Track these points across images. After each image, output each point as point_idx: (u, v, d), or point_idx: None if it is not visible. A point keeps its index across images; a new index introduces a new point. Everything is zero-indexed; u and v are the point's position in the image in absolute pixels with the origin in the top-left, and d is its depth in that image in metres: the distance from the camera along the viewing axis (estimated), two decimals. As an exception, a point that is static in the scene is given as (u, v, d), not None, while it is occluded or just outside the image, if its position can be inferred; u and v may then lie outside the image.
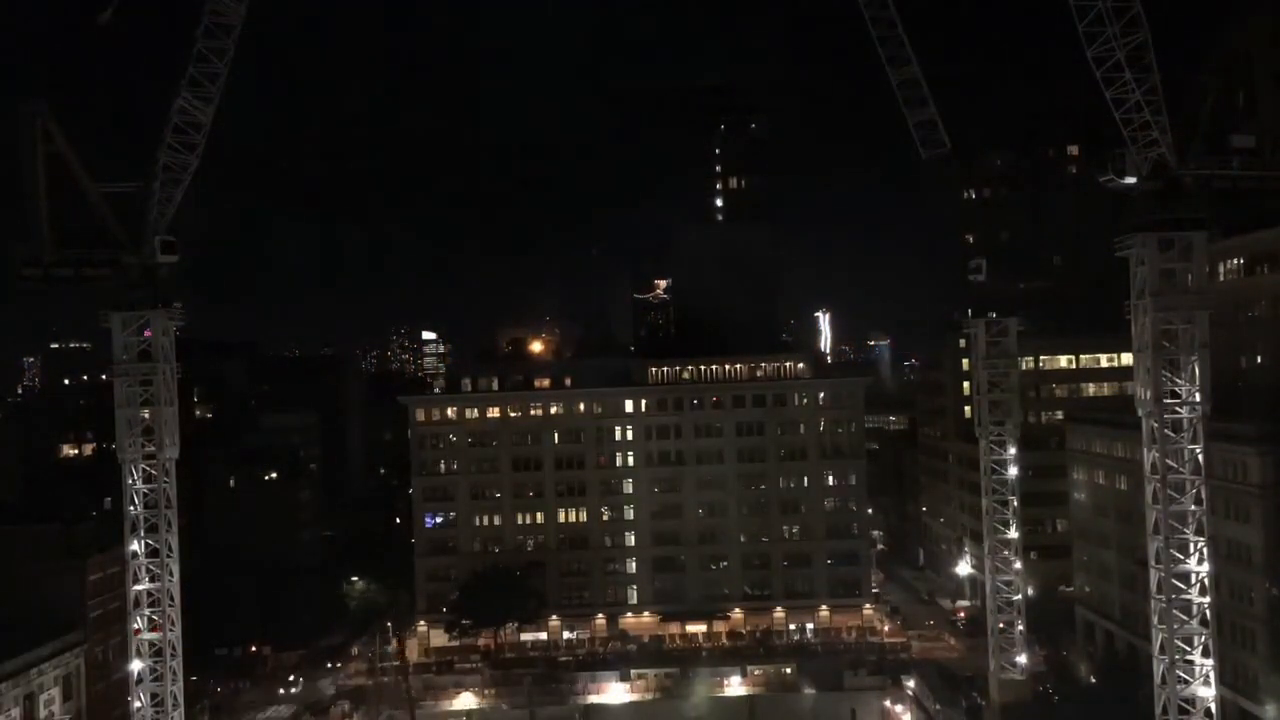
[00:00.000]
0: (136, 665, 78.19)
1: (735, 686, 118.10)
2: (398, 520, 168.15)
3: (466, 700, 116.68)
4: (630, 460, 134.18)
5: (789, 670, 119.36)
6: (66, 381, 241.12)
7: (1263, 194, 74.87)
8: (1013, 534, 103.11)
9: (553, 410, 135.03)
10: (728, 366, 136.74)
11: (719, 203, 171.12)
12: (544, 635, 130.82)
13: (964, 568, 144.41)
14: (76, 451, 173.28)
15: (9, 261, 75.03)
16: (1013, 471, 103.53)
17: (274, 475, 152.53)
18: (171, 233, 75.48)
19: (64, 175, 73.39)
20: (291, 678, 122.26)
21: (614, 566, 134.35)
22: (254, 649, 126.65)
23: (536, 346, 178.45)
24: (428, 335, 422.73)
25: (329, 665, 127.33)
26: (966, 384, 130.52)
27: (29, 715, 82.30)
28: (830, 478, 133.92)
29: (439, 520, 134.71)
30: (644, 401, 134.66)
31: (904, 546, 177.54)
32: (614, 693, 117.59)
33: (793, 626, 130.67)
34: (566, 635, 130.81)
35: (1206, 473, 74.98)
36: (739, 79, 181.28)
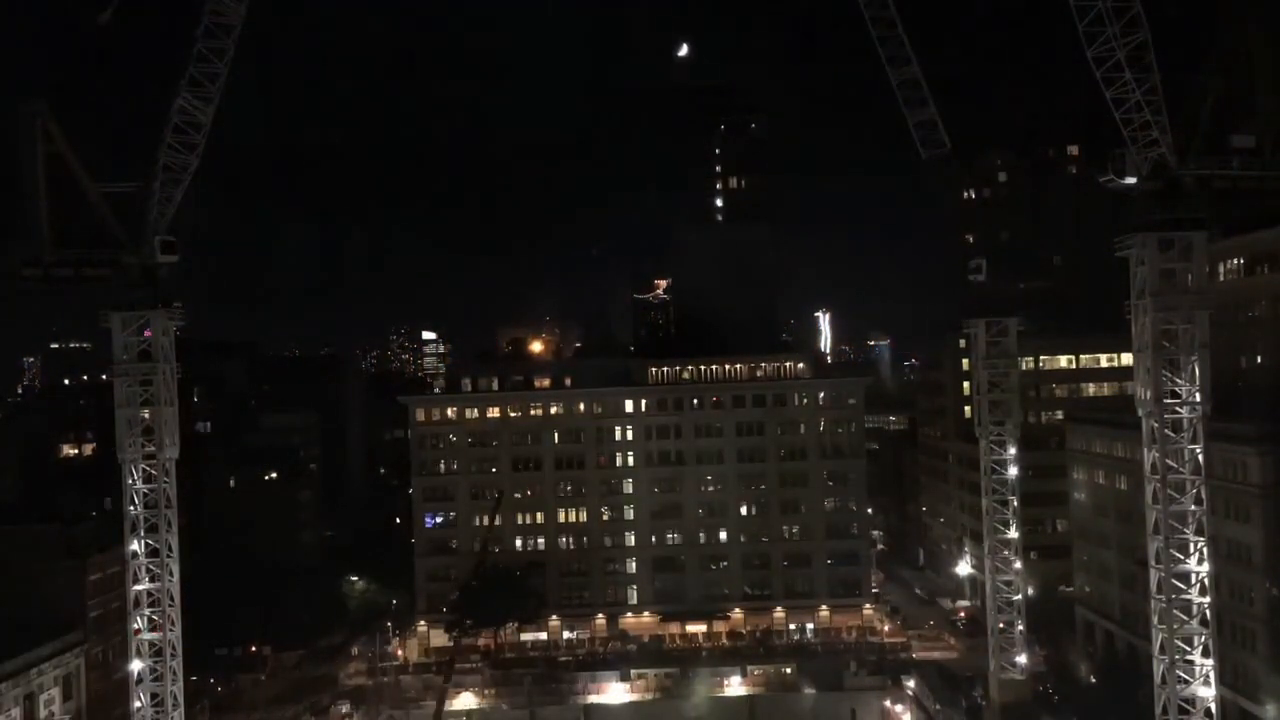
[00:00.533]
0: (136, 665, 78.26)
1: (735, 686, 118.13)
2: (398, 520, 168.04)
3: (466, 700, 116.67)
4: (630, 460, 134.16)
5: (789, 670, 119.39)
6: (66, 381, 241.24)
7: (1263, 194, 74.87)
8: (1013, 534, 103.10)
9: (553, 410, 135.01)
10: (728, 366, 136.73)
11: (719, 203, 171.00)
12: (544, 635, 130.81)
13: (964, 568, 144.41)
14: (76, 451, 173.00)
15: (9, 261, 75.12)
16: (1013, 471, 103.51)
17: (274, 475, 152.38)
18: (171, 233, 75.59)
19: (64, 175, 73.49)
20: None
21: (614, 566, 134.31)
22: (254, 649, 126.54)
23: (536, 346, 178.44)
24: (428, 335, 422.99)
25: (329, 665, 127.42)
26: (966, 384, 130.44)
27: (29, 715, 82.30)
28: (830, 478, 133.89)
29: (439, 520, 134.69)
30: (644, 401, 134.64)
31: (904, 546, 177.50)
32: (614, 693, 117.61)
33: (793, 626, 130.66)
34: (566, 635, 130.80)
35: (1206, 473, 75.05)
36: (739, 79, 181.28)
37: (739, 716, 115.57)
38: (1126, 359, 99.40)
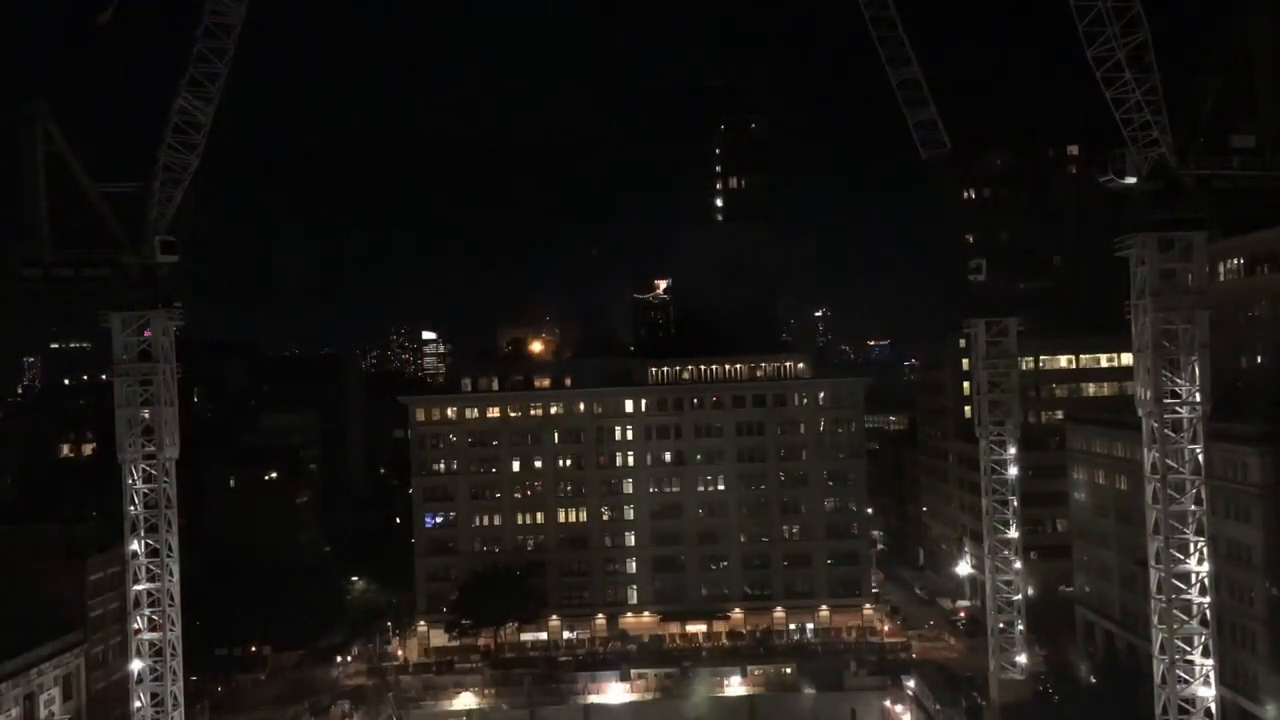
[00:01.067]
0: (136, 665, 78.32)
1: (735, 686, 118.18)
2: (398, 520, 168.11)
3: (466, 700, 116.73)
4: (630, 460, 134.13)
5: (789, 670, 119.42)
6: (66, 381, 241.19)
7: (1263, 194, 74.82)
8: (1013, 534, 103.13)
9: (553, 410, 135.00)
10: (728, 366, 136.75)
11: (719, 203, 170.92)
12: (544, 635, 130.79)
13: (964, 568, 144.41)
14: (76, 451, 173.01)
15: (9, 261, 75.14)
16: (1013, 471, 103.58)
17: (274, 475, 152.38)
18: (171, 233, 75.59)
19: (64, 175, 73.57)
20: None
21: (614, 566, 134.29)
22: (254, 649, 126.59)
23: (536, 346, 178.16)
24: (428, 335, 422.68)
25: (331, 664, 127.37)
26: (966, 384, 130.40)
27: (29, 715, 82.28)
28: (830, 478, 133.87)
29: (439, 520, 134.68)
30: (644, 401, 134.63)
31: (904, 546, 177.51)
32: (614, 693, 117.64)
33: (793, 626, 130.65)
34: (566, 635, 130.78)
35: (1206, 473, 75.04)
36: (739, 79, 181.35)
37: (739, 716, 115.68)
38: (1126, 359, 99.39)
